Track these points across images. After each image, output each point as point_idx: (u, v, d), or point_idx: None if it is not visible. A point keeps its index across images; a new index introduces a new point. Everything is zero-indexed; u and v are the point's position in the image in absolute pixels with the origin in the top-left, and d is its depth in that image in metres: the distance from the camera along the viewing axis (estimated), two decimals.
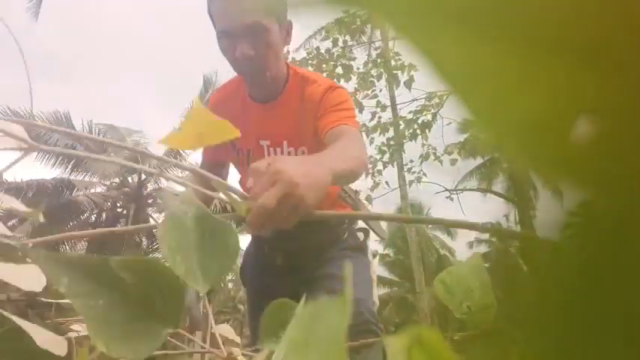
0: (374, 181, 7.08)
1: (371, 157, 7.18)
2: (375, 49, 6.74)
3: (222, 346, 0.45)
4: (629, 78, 0.11)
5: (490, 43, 0.12)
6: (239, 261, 1.53)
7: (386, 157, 7.20)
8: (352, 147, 0.96)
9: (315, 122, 1.19)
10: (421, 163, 7.23)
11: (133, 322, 0.41)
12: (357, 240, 1.43)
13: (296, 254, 1.36)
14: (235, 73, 1.24)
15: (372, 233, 1.51)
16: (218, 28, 1.10)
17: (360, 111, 6.65)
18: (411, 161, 7.44)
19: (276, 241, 1.36)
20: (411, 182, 7.26)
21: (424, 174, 7.31)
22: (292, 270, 1.37)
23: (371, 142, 7.12)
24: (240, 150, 1.32)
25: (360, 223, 1.48)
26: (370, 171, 7.09)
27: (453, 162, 7.20)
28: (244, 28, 1.07)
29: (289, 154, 1.26)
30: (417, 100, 6.94)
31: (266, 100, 1.26)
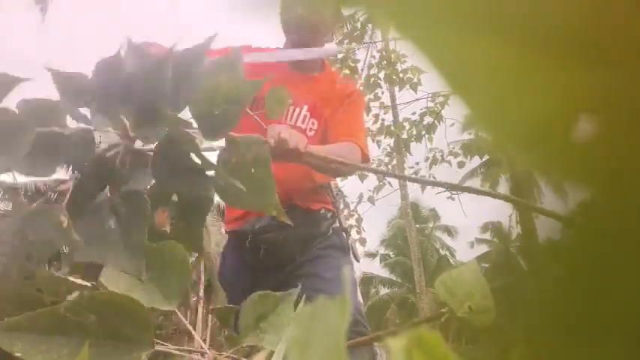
0: (379, 182, 7.08)
1: (378, 158, 7.23)
2: (378, 50, 6.73)
3: (207, 350, 0.45)
4: (628, 78, 0.11)
5: (491, 44, 0.12)
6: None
7: (394, 160, 7.22)
8: (339, 152, 1.26)
9: (335, 112, 1.39)
10: (430, 167, 7.22)
11: (105, 357, 0.41)
12: (342, 239, 1.45)
13: (280, 247, 1.36)
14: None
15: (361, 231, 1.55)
16: None
17: (367, 113, 6.65)
18: (417, 163, 7.44)
19: (259, 234, 1.36)
20: (423, 188, 7.24)
21: (433, 177, 7.30)
22: (275, 267, 1.37)
23: (379, 145, 7.13)
24: (262, 98, 1.37)
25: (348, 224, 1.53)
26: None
27: (461, 164, 7.19)
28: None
29: (304, 117, 1.39)
30: (419, 100, 6.93)
31: (302, 70, 1.42)
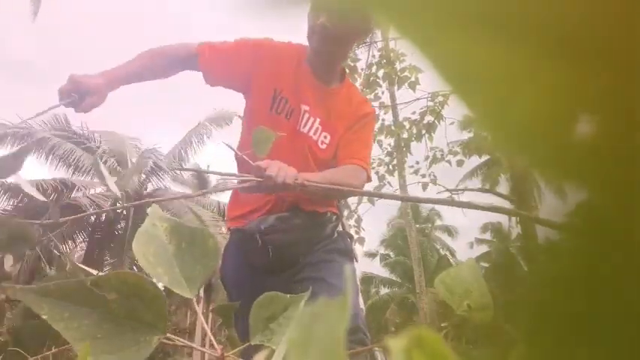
0: (379, 183, 7.09)
1: (379, 158, 7.25)
2: (378, 50, 6.72)
3: (216, 346, 0.46)
4: (629, 78, 0.11)
5: (491, 44, 0.12)
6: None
7: (394, 160, 7.25)
8: (341, 177, 1.30)
9: (348, 130, 1.40)
10: (430, 166, 7.23)
11: (120, 336, 0.43)
12: (347, 243, 1.45)
13: (284, 249, 1.36)
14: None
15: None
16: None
17: None
18: (417, 162, 7.44)
19: (264, 235, 1.35)
20: (425, 185, 7.26)
21: (434, 176, 7.31)
22: (278, 269, 1.37)
23: (380, 145, 7.13)
24: (285, 100, 1.39)
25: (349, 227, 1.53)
26: (379, 173, 7.17)
27: (460, 163, 7.19)
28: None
29: (317, 129, 1.39)
30: (419, 99, 6.93)
31: (324, 80, 1.41)
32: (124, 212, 13.34)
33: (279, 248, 1.36)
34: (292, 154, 1.32)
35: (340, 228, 1.48)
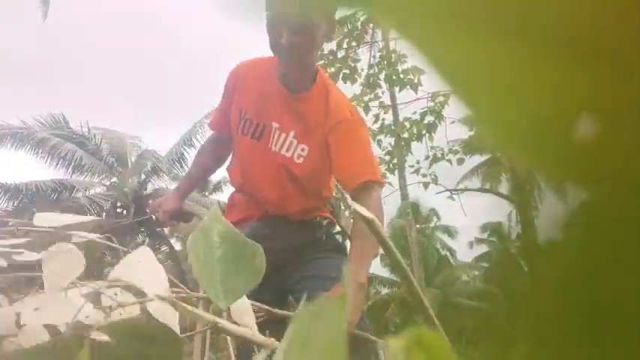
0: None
1: (379, 157, 7.24)
2: (379, 50, 6.71)
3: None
4: (629, 77, 0.11)
5: (491, 43, 0.12)
6: None
7: (394, 159, 7.25)
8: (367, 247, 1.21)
9: (329, 138, 1.29)
10: (430, 165, 7.22)
11: None
12: (337, 241, 1.45)
13: (274, 255, 1.37)
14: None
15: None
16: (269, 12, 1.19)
17: (366, 113, 6.67)
18: (417, 162, 7.43)
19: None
20: (426, 185, 7.26)
21: (435, 176, 7.31)
22: (272, 272, 1.37)
23: (379, 144, 7.13)
24: (249, 121, 1.36)
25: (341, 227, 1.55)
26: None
27: (461, 161, 7.18)
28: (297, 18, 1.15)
29: (290, 144, 1.32)
30: (419, 99, 6.93)
31: (293, 89, 1.34)
32: (124, 212, 13.33)
33: (268, 254, 1.37)
34: (265, 179, 1.33)
35: (337, 228, 1.48)
